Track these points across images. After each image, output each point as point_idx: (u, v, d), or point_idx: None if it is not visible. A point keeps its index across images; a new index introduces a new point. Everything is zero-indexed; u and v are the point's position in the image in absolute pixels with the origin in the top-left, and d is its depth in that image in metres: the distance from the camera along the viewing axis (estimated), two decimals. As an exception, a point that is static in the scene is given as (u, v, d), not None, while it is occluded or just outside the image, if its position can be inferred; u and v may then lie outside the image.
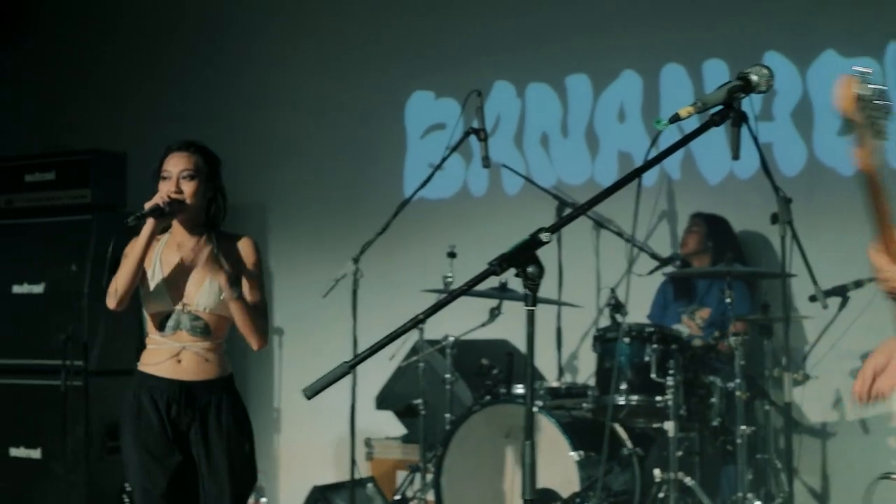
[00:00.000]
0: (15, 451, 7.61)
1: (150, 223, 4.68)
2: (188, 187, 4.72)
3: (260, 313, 4.78)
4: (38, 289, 7.62)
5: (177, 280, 4.75)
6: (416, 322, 3.09)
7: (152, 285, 4.76)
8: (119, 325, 7.20)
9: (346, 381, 5.76)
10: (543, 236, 3.09)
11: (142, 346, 4.83)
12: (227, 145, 8.01)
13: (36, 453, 7.54)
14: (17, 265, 7.74)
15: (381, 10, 7.87)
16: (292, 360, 7.91)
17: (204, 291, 4.72)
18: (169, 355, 4.72)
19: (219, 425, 4.71)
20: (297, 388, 7.64)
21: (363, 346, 6.28)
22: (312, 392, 3.27)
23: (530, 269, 3.10)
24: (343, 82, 7.86)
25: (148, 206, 4.65)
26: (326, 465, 7.55)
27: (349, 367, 3.27)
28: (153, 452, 4.66)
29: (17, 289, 7.68)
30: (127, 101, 8.46)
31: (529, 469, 3.11)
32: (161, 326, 4.74)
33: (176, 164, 4.74)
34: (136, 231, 4.70)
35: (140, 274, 4.71)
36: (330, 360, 7.05)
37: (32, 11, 9.24)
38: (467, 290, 3.10)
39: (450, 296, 3.10)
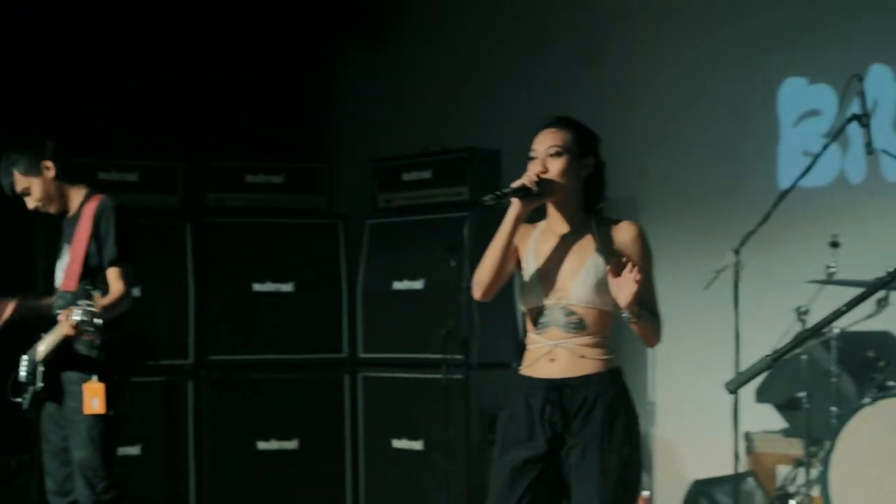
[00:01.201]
0: (398, 443, 7.83)
1: (515, 205, 4.34)
2: (555, 165, 4.35)
3: (655, 315, 4.40)
4: (417, 285, 7.81)
5: (551, 271, 4.39)
6: (840, 314, 3.02)
7: (527, 277, 4.42)
8: (498, 318, 7.34)
9: (726, 376, 5.73)
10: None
11: (521, 341, 4.64)
12: (597, 139, 8.07)
13: (418, 445, 7.74)
14: (397, 262, 7.95)
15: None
16: (668, 353, 7.78)
17: (579, 283, 4.33)
18: (542, 354, 4.37)
19: (594, 426, 4.26)
20: (672, 380, 7.67)
21: (745, 340, 6.25)
22: (736, 386, 3.22)
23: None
24: (713, 70, 7.74)
25: (514, 185, 4.33)
26: (703, 459, 7.45)
27: (772, 361, 3.20)
28: (516, 458, 4.33)
29: (397, 285, 7.88)
30: (500, 97, 8.57)
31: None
32: (535, 322, 4.40)
33: (543, 142, 4.38)
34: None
35: (505, 261, 4.38)
36: (708, 353, 7.05)
37: (403, 14, 9.51)
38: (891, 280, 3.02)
39: (871, 287, 3.02)
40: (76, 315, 5.28)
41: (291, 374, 8.01)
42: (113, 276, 5.67)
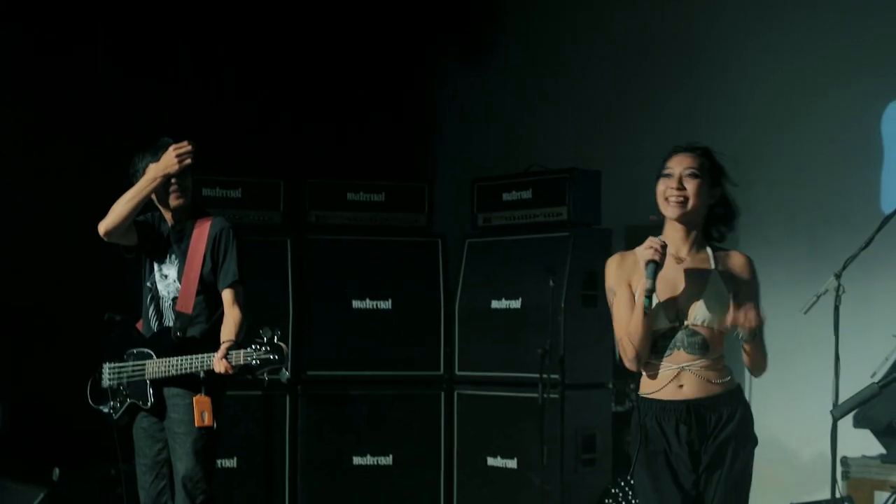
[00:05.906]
0: (492, 461, 7.84)
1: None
2: (691, 185, 4.51)
3: (762, 343, 4.49)
4: (515, 304, 7.82)
5: (673, 294, 4.52)
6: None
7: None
8: (594, 339, 7.34)
9: (825, 400, 5.67)
10: None
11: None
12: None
13: (512, 463, 7.74)
14: (496, 281, 7.97)
15: (853, 17, 7.64)
16: (766, 377, 7.72)
17: (703, 304, 4.48)
18: (669, 378, 4.51)
19: (725, 442, 4.54)
20: (771, 405, 7.56)
21: (845, 364, 6.17)
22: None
23: None
24: (815, 93, 7.68)
25: (646, 267, 4.41)
26: (800, 483, 7.40)
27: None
28: (665, 478, 4.49)
29: (495, 304, 7.91)
30: (599, 119, 8.59)
31: None
32: (656, 346, 4.53)
33: (680, 163, 4.55)
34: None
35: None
36: (807, 378, 6.97)
37: (507, 35, 9.54)
38: None
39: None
40: (245, 360, 5.34)
41: (388, 391, 8.06)
42: (230, 297, 5.72)
